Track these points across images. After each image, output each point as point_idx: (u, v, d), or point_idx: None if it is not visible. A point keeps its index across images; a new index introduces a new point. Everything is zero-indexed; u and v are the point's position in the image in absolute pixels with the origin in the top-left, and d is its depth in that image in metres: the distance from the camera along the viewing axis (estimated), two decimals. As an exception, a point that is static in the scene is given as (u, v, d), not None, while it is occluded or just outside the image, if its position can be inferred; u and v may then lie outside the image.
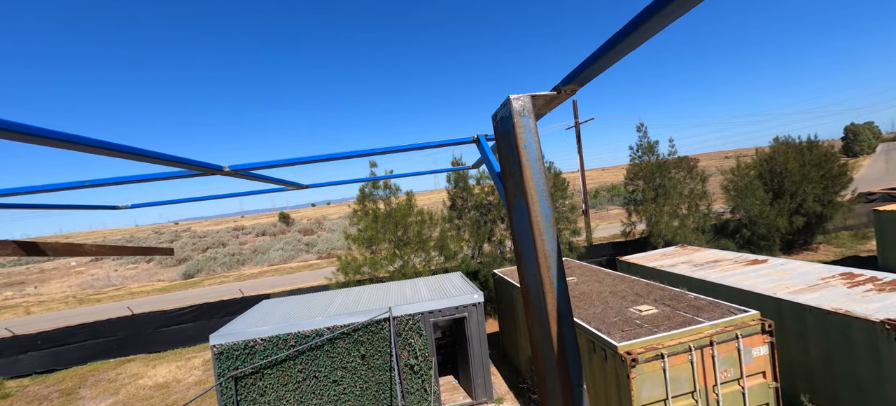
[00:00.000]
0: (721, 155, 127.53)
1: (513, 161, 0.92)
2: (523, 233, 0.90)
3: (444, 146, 1.43)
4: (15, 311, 27.37)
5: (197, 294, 26.23)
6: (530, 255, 0.86)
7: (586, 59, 0.82)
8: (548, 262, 0.83)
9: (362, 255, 13.93)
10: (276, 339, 7.66)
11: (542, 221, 0.85)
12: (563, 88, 0.90)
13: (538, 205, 0.85)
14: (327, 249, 40.23)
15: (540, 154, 0.89)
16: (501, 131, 0.98)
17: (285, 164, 1.52)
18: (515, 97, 0.91)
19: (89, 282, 37.17)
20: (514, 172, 0.92)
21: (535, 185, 0.86)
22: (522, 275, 0.95)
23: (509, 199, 0.98)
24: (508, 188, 0.97)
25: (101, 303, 27.38)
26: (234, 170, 1.48)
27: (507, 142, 0.95)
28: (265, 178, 1.78)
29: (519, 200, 0.90)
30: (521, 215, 0.90)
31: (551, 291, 0.82)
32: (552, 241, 0.85)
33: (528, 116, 0.90)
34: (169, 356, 14.11)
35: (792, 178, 17.55)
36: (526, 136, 0.89)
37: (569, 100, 1.09)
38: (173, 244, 50.08)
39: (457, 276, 10.52)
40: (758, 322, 5.76)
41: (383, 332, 8.04)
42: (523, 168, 0.88)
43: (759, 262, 9.17)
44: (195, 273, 36.72)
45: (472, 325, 8.55)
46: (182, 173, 1.52)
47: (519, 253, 0.95)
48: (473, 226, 15.27)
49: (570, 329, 0.82)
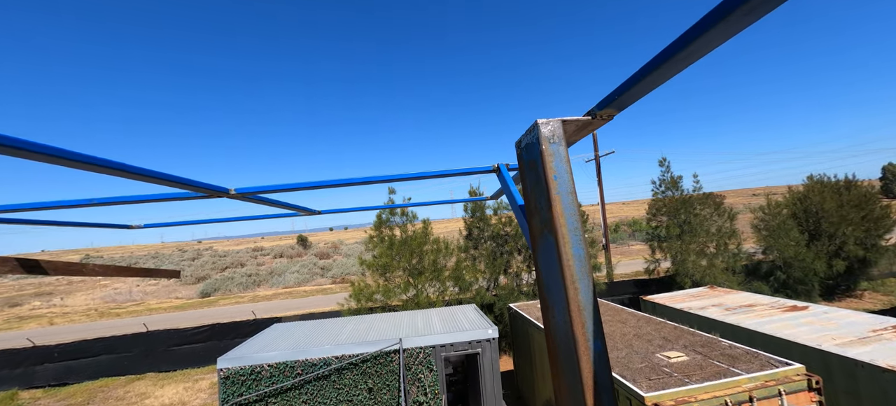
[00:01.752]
0: (748, 192, 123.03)
1: (540, 194, 0.78)
2: (551, 277, 0.75)
3: (463, 175, 1.32)
4: (39, 322, 28.22)
5: (211, 314, 26.45)
6: (560, 303, 0.71)
7: (627, 80, 0.71)
8: (582, 315, 0.68)
9: (376, 282, 13.76)
10: (282, 366, 7.47)
11: (576, 265, 0.70)
12: (598, 113, 0.78)
13: (570, 246, 0.71)
14: (342, 274, 40.25)
15: (572, 186, 0.76)
16: (527, 160, 0.85)
17: (294, 188, 1.45)
18: (544, 122, 0.79)
19: (112, 296, 38.22)
20: (541, 207, 0.78)
21: (567, 223, 0.72)
22: (549, 326, 0.79)
23: (534, 237, 0.84)
24: (534, 225, 0.83)
25: (121, 317, 27.94)
26: (241, 193, 1.42)
27: (533, 172, 0.82)
28: (276, 203, 1.71)
29: (546, 239, 0.76)
30: (548, 257, 0.75)
31: (587, 353, 0.66)
32: (588, 289, 0.70)
33: (558, 144, 0.78)
34: (177, 377, 14.03)
35: (829, 219, 16.55)
36: (556, 165, 0.76)
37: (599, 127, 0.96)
38: (194, 262, 51.32)
39: (471, 308, 10.16)
40: (803, 377, 5.19)
41: (392, 364, 7.73)
42: (552, 202, 0.74)
43: (800, 308, 8.46)
44: (212, 292, 37.24)
45: (486, 362, 8.12)
46: (189, 195, 1.48)
47: (545, 300, 0.79)
48: (490, 257, 14.94)
49: (611, 403, 0.65)
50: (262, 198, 1.54)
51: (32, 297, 40.29)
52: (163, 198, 1.54)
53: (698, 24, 0.58)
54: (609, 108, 0.77)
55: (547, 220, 0.76)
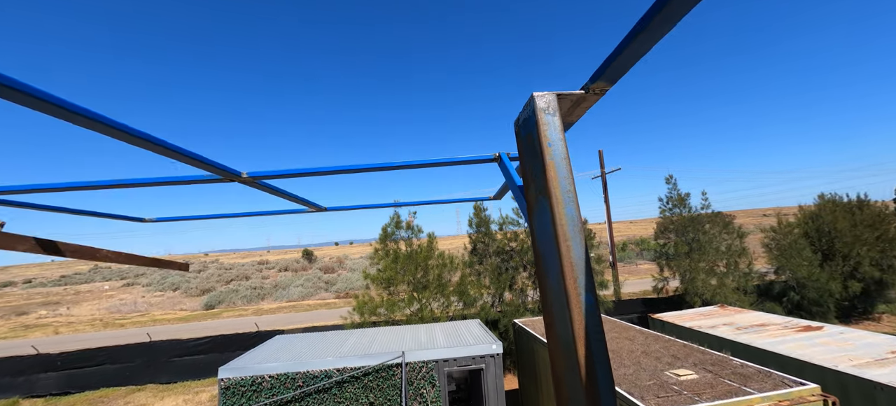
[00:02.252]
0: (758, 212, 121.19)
1: (535, 162, 0.80)
2: (546, 240, 0.75)
3: (464, 163, 1.33)
4: (44, 331, 28.35)
5: (214, 325, 26.38)
6: (554, 266, 0.71)
7: (616, 47, 0.72)
8: (574, 271, 0.68)
9: (380, 296, 13.68)
10: (284, 377, 7.39)
11: (568, 224, 0.71)
12: (591, 86, 0.80)
13: (563, 206, 0.72)
14: (346, 289, 40.07)
15: (566, 152, 0.77)
16: (524, 135, 0.87)
17: (306, 173, 1.44)
18: (539, 94, 0.81)
19: (117, 306, 38.37)
20: (536, 175, 0.80)
21: (560, 185, 0.74)
22: (545, 293, 0.79)
23: (530, 206, 0.85)
24: (530, 195, 0.84)
25: (125, 327, 27.97)
26: (252, 177, 1.42)
27: (529, 145, 0.84)
28: (284, 193, 1.72)
29: (541, 204, 0.77)
30: (543, 221, 0.76)
31: (578, 306, 0.66)
32: (579, 246, 0.70)
33: (553, 114, 0.80)
34: (177, 388, 13.91)
35: (843, 239, 16.19)
36: (550, 133, 0.78)
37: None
38: (200, 274, 51.54)
39: (475, 323, 10.02)
40: (819, 397, 5.00)
41: (394, 378, 7.60)
42: (546, 167, 0.76)
43: (814, 329, 8.21)
44: (216, 304, 37.24)
45: (490, 379, 7.95)
46: (200, 177, 1.45)
47: (541, 267, 0.79)
48: (494, 272, 14.81)
49: (603, 355, 0.64)
50: (272, 185, 1.56)
51: (39, 305, 40.63)
52: (172, 181, 1.46)
53: None
54: (601, 81, 0.78)
55: (541, 186, 0.77)
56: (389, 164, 1.32)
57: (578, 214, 0.72)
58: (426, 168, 1.37)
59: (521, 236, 15.45)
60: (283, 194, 1.65)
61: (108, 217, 1.98)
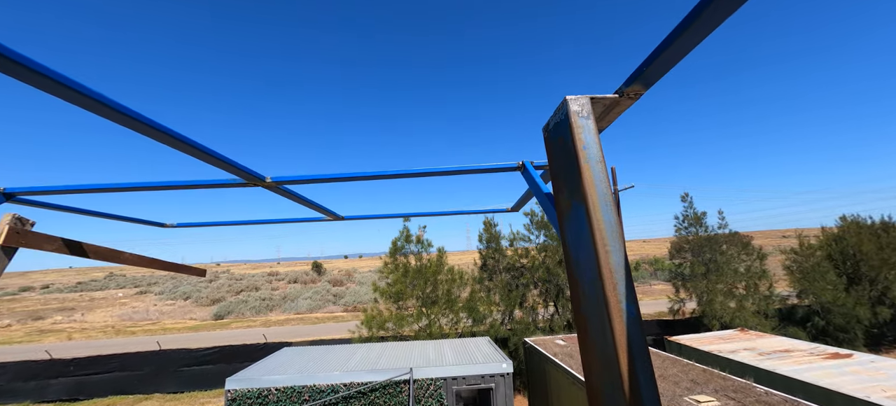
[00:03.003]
0: (777, 233, 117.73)
1: (569, 166, 0.78)
2: (580, 247, 0.72)
3: (486, 171, 1.31)
4: (58, 336, 28.84)
5: (223, 336, 26.47)
6: (590, 272, 0.67)
7: (652, 52, 0.70)
8: (614, 277, 0.64)
9: (389, 310, 13.56)
10: (290, 390, 7.31)
11: (607, 229, 0.67)
12: (625, 90, 0.78)
13: (601, 211, 0.69)
14: (354, 302, 39.95)
15: (601, 156, 0.75)
16: (554, 139, 0.85)
17: (328, 179, 1.44)
18: (573, 98, 0.79)
19: (129, 314, 38.91)
20: (569, 179, 0.77)
21: (597, 189, 0.70)
22: (579, 301, 0.74)
23: (562, 214, 0.81)
24: (561, 201, 0.81)
25: (136, 335, 28.28)
26: (276, 181, 1.43)
27: (562, 148, 0.81)
28: (305, 200, 1.72)
29: (575, 210, 0.73)
30: (577, 227, 0.73)
31: (620, 316, 0.61)
32: (619, 253, 0.66)
33: (587, 117, 0.78)
34: (185, 399, 13.88)
35: (869, 263, 15.53)
36: (585, 136, 0.76)
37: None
38: (211, 285, 52.09)
39: (484, 341, 9.82)
40: (852, 432, 4.70)
41: (401, 395, 7.45)
42: (582, 170, 0.73)
43: (843, 356, 7.80)
44: (226, 314, 37.46)
45: (499, 399, 7.73)
46: (224, 181, 1.45)
47: (573, 274, 0.75)
48: (505, 289, 14.59)
49: (648, 370, 0.59)
50: (294, 191, 1.56)
51: (55, 311, 41.46)
52: (194, 184, 1.45)
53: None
54: (635, 84, 0.76)
55: (575, 190, 0.73)
56: (410, 171, 1.30)
57: (618, 219, 0.68)
58: (446, 176, 1.35)
59: (532, 253, 15.24)
60: (303, 201, 1.65)
61: (130, 221, 2.02)
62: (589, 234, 0.68)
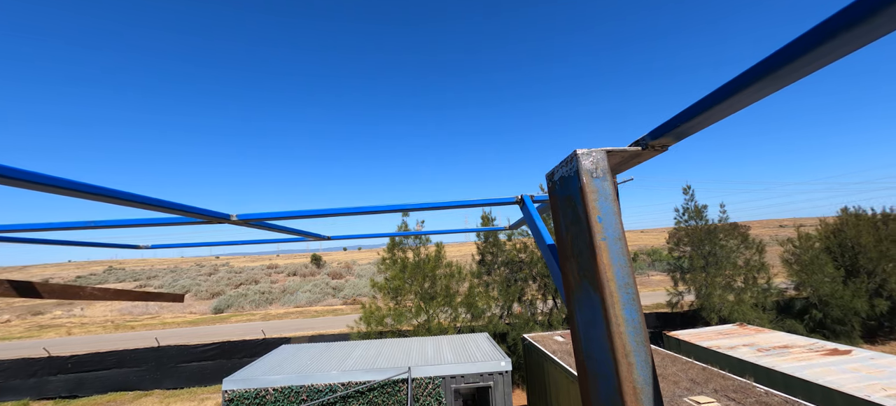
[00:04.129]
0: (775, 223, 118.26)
1: (579, 238, 0.65)
2: (594, 341, 0.59)
3: (482, 206, 1.19)
4: (58, 331, 28.87)
5: (223, 330, 26.51)
6: (607, 378, 0.55)
7: (690, 107, 0.59)
8: (638, 398, 0.51)
9: (387, 306, 13.52)
10: (288, 390, 7.26)
11: (628, 333, 0.54)
12: (650, 143, 0.65)
13: (621, 307, 0.56)
14: (353, 295, 40.05)
15: (622, 231, 0.62)
16: (562, 195, 0.71)
17: (300, 216, 1.37)
18: (584, 152, 0.66)
19: (129, 308, 38.94)
20: (580, 254, 0.64)
21: (616, 277, 0.57)
22: (591, 399, 0.61)
23: (570, 287, 0.68)
24: (569, 273, 0.68)
25: (135, 330, 28.32)
26: (243, 219, 1.35)
27: (570, 210, 0.68)
28: (281, 229, 1.64)
29: (588, 294, 0.60)
30: (590, 315, 0.60)
31: None
32: (645, 364, 0.53)
33: (603, 178, 0.64)
34: (184, 395, 13.90)
35: (867, 255, 15.53)
36: (601, 205, 0.62)
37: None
38: (210, 277, 52.13)
39: (483, 337, 9.79)
40: (854, 434, 4.67)
41: (400, 394, 7.42)
42: (597, 250, 0.60)
43: (842, 352, 7.79)
44: (225, 308, 37.53)
45: (498, 397, 7.71)
46: (191, 220, 1.43)
47: (583, 366, 0.62)
48: (503, 284, 14.55)
49: None
50: (267, 224, 1.45)
51: (54, 306, 41.47)
52: (168, 222, 1.54)
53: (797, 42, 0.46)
54: (665, 137, 0.63)
55: (588, 271, 0.61)
56: (399, 206, 1.17)
57: (643, 319, 0.56)
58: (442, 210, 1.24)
59: (530, 246, 15.18)
60: (280, 230, 1.54)
61: (104, 246, 1.90)
62: (605, 334, 0.55)
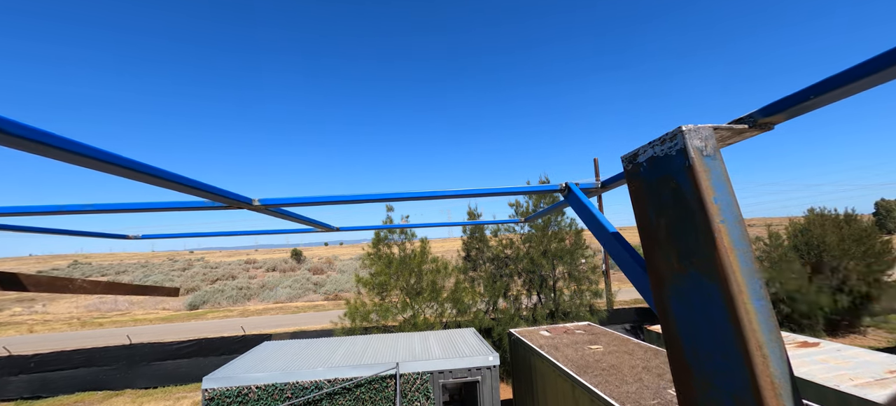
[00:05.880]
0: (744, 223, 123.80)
1: (684, 222, 0.60)
2: (704, 335, 0.53)
3: (525, 193, 1.12)
4: (18, 329, 27.20)
5: (199, 327, 25.62)
6: (733, 379, 0.48)
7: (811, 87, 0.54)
8: (779, 397, 0.46)
9: (372, 301, 13.36)
10: (271, 388, 7.06)
11: (761, 324, 0.49)
12: (759, 120, 0.61)
13: (750, 297, 0.51)
14: (335, 291, 39.48)
15: (740, 215, 0.56)
16: (650, 178, 0.65)
17: (322, 202, 1.25)
18: (692, 128, 0.61)
19: (96, 304, 37.10)
20: (684, 239, 0.59)
21: (741, 263, 0.52)
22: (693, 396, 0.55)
23: (661, 278, 0.61)
24: (661, 262, 0.61)
25: (104, 327, 27.00)
26: (265, 204, 1.22)
27: (665, 192, 0.62)
28: (297, 217, 1.52)
29: (696, 284, 0.54)
30: (701, 307, 0.54)
31: None
32: (780, 358, 0.48)
33: (713, 158, 0.59)
34: (158, 394, 13.35)
35: (831, 253, 16.45)
36: (715, 184, 0.56)
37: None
38: (184, 273, 50.31)
39: (470, 332, 9.81)
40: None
41: (388, 390, 7.34)
42: (716, 234, 0.54)
43: (811, 345, 8.20)
44: (201, 304, 36.28)
45: (486, 391, 7.74)
46: (205, 205, 1.25)
47: (687, 366, 0.56)
48: (489, 279, 14.63)
49: None
50: (285, 211, 1.34)
51: (14, 302, 39.04)
52: (173, 207, 1.29)
53: None
54: (777, 114, 0.60)
55: (700, 259, 0.56)
56: (439, 192, 1.09)
57: (772, 310, 0.51)
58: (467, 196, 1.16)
59: (516, 243, 15.29)
60: (294, 218, 1.44)
61: (89, 235, 1.73)
62: (730, 327, 0.50)
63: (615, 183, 1.06)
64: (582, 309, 14.23)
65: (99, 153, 0.74)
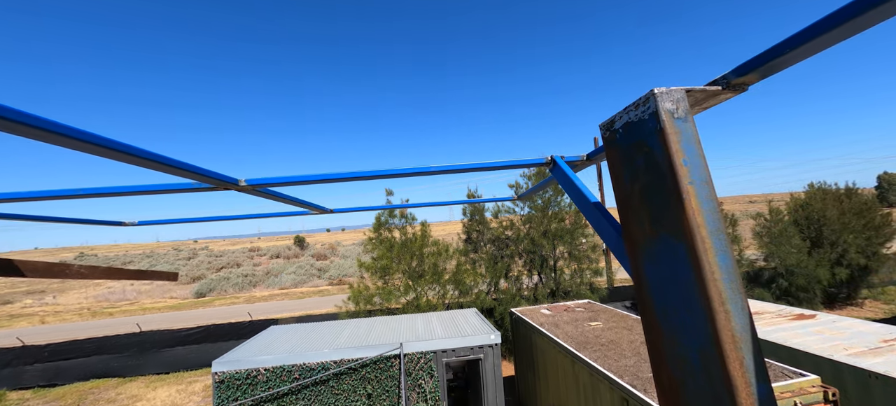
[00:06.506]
0: (745, 199, 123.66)
1: (655, 185, 0.62)
2: (672, 294, 0.56)
3: (511, 167, 1.14)
4: (30, 320, 27.75)
5: (206, 314, 26.09)
6: (697, 335, 0.51)
7: (785, 41, 0.55)
8: (738, 349, 0.49)
9: (375, 285, 13.55)
10: (279, 370, 7.25)
11: (724, 280, 0.51)
12: (732, 81, 0.61)
13: (714, 253, 0.53)
14: (339, 276, 39.94)
15: (708, 175, 0.58)
16: (626, 144, 0.66)
17: (310, 181, 1.27)
18: (663, 91, 0.61)
19: (105, 295, 37.70)
20: (657, 204, 0.61)
21: (707, 222, 0.54)
22: (670, 362, 0.58)
23: (635, 243, 0.64)
24: (634, 227, 0.63)
25: (114, 316, 27.52)
26: (251, 184, 1.25)
27: (639, 157, 0.64)
28: (285, 198, 1.54)
29: (665, 246, 0.57)
30: (670, 268, 0.56)
31: (750, 400, 0.47)
32: (742, 313, 0.51)
33: (685, 120, 0.60)
34: (170, 379, 13.72)
35: (831, 227, 16.51)
36: (685, 147, 0.58)
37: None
38: (189, 262, 50.85)
39: (472, 312, 9.98)
40: (819, 389, 5.04)
41: (392, 370, 7.53)
42: (684, 195, 0.56)
43: (807, 317, 8.33)
44: (207, 292, 36.82)
45: (488, 369, 7.94)
46: (193, 186, 1.29)
47: (654, 319, 0.60)
48: (490, 261, 14.77)
49: None
50: (273, 191, 1.36)
51: (24, 294, 39.71)
52: (163, 189, 1.32)
53: None
54: (750, 74, 0.59)
55: (668, 221, 0.58)
56: (429, 168, 1.11)
57: (736, 267, 0.53)
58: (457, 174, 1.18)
59: (516, 224, 15.38)
60: (284, 199, 1.46)
61: (84, 222, 1.76)
62: (694, 284, 0.52)
63: (600, 156, 1.08)
64: (582, 287, 14.41)
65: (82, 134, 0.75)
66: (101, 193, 1.31)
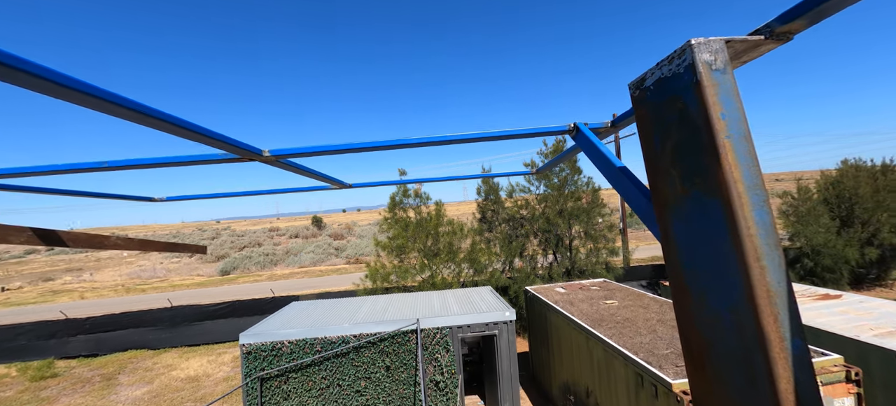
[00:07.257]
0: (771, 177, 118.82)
1: (689, 140, 0.59)
2: (702, 254, 0.56)
3: (533, 135, 1.13)
4: (71, 296, 29.61)
5: (231, 291, 27.25)
6: (730, 291, 0.51)
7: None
8: (773, 304, 0.49)
9: (391, 263, 13.82)
10: (302, 342, 7.58)
11: (760, 235, 0.50)
12: (777, 29, 0.58)
13: (751, 208, 0.51)
14: (356, 255, 40.84)
15: (748, 132, 0.55)
16: (657, 101, 0.64)
17: (330, 151, 1.29)
18: (701, 41, 0.58)
19: (137, 272, 39.75)
20: (689, 160, 0.59)
21: (744, 177, 0.52)
22: (699, 322, 0.58)
23: (664, 204, 0.63)
24: (665, 187, 0.62)
25: (146, 293, 29.07)
26: (275, 155, 1.28)
27: (672, 114, 0.62)
28: (307, 171, 1.57)
29: (700, 204, 0.57)
30: (702, 226, 0.55)
31: (784, 356, 0.48)
32: (779, 269, 0.51)
33: (723, 71, 0.57)
34: (201, 350, 14.54)
35: (863, 205, 15.76)
36: (723, 100, 0.55)
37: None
38: (214, 241, 52.81)
39: (487, 290, 10.10)
40: (841, 368, 4.96)
41: (410, 344, 7.76)
42: (721, 151, 0.54)
43: (832, 297, 8.10)
44: (231, 270, 38.35)
45: (503, 344, 8.09)
46: (218, 157, 1.31)
47: (684, 287, 0.59)
48: (504, 240, 14.80)
49: None
50: (295, 163, 1.39)
51: (64, 272, 42.24)
52: (187, 160, 1.32)
53: None
54: (797, 20, 0.56)
55: (702, 177, 0.56)
56: (453, 136, 1.12)
57: (774, 224, 0.53)
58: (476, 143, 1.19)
59: (531, 203, 15.28)
60: (306, 172, 1.49)
61: (115, 198, 1.85)
62: (728, 240, 0.52)
63: (628, 120, 1.06)
64: (598, 267, 14.34)
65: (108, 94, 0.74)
66: (126, 166, 1.35)
